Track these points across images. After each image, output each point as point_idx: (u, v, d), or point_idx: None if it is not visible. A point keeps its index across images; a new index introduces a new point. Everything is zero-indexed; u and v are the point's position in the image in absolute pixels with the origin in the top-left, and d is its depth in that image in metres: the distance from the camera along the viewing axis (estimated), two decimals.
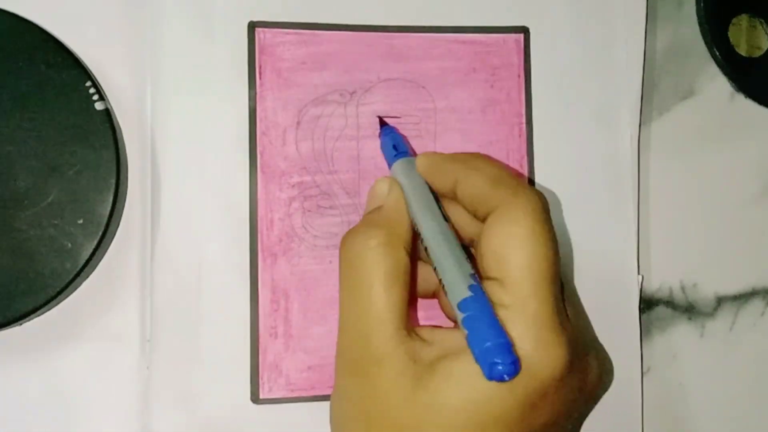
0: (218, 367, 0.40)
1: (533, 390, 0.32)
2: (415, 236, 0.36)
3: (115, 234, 0.40)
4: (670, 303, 0.45)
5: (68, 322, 0.39)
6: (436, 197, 0.37)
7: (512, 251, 0.33)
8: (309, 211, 0.41)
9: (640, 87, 0.44)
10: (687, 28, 0.46)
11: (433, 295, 0.40)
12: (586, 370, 0.36)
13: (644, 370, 0.44)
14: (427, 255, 0.35)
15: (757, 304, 0.45)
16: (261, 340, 0.40)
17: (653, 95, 0.45)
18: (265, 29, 0.41)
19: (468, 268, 0.34)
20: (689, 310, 0.45)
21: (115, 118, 0.39)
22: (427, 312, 0.41)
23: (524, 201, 0.34)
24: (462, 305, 0.32)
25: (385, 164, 0.41)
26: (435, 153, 0.38)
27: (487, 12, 0.43)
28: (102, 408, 0.39)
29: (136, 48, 0.40)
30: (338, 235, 0.41)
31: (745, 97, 0.46)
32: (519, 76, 0.43)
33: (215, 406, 0.40)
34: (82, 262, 0.38)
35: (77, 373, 0.39)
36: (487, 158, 0.37)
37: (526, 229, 0.33)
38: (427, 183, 0.37)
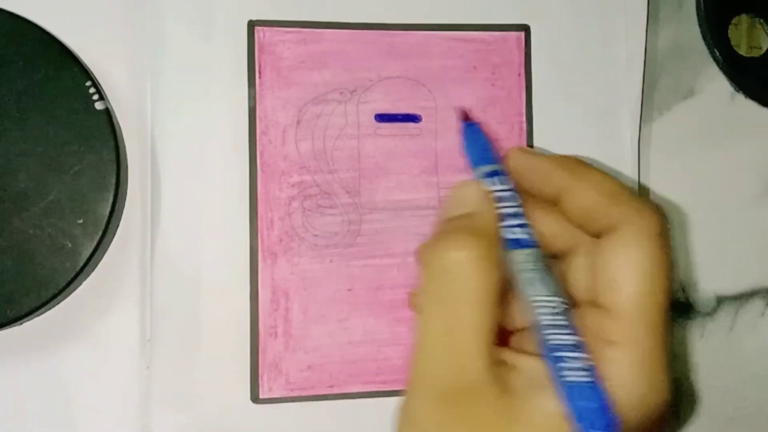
0: (218, 367, 0.40)
1: (636, 425, 0.30)
2: None
3: (115, 234, 0.40)
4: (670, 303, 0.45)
5: (68, 322, 0.39)
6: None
7: (630, 279, 0.30)
8: (309, 210, 0.41)
9: (641, 86, 0.44)
10: (687, 28, 0.46)
11: None
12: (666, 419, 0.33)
13: None
14: (522, 273, 0.32)
15: (757, 304, 0.45)
16: (261, 339, 0.40)
17: (653, 95, 0.45)
18: (265, 28, 0.41)
19: (561, 304, 0.31)
20: (689, 310, 0.45)
21: (115, 118, 0.39)
22: None
23: (648, 223, 0.31)
24: (556, 351, 0.30)
25: (385, 163, 0.42)
26: (531, 151, 0.36)
27: (487, 10, 0.43)
28: (102, 408, 0.39)
29: (136, 48, 0.40)
30: (339, 234, 0.41)
31: (745, 97, 0.46)
32: (519, 74, 0.43)
33: (215, 406, 0.40)
34: (82, 262, 0.38)
35: (77, 373, 0.39)
36: (593, 167, 0.34)
37: (648, 255, 0.30)
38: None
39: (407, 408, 0.32)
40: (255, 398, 0.40)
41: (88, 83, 0.38)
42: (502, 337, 0.33)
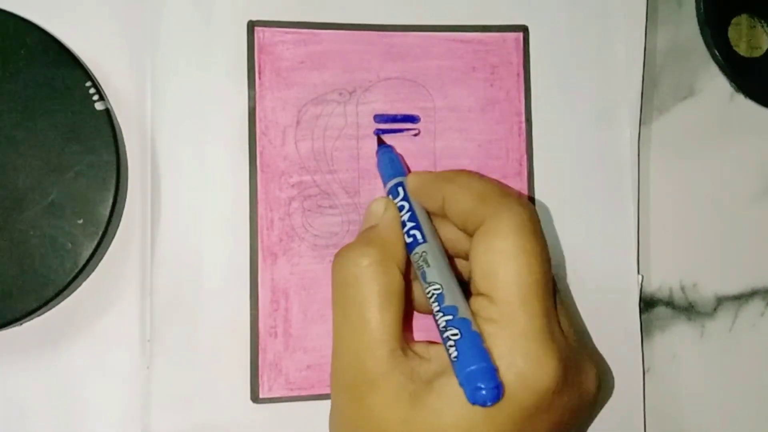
0: (218, 367, 0.40)
1: (528, 404, 0.32)
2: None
3: (115, 234, 0.40)
4: (670, 303, 0.45)
5: (68, 322, 0.39)
6: (429, 216, 0.37)
7: (499, 267, 0.33)
8: (309, 210, 0.41)
9: (640, 87, 0.44)
10: (687, 28, 0.46)
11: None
12: (582, 380, 0.35)
13: (644, 370, 0.44)
14: (417, 270, 0.35)
15: (757, 304, 0.45)
16: (261, 339, 0.40)
17: (653, 95, 0.45)
18: (265, 29, 0.41)
19: (454, 287, 0.34)
20: (689, 310, 0.45)
21: (115, 118, 0.39)
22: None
23: (509, 215, 0.33)
24: (447, 327, 0.32)
25: None
26: (424, 172, 0.39)
27: (486, 11, 0.43)
28: (102, 408, 0.39)
29: (136, 48, 0.40)
30: (338, 234, 0.41)
31: (745, 97, 0.46)
32: (518, 74, 0.43)
33: (215, 406, 0.40)
34: (82, 262, 0.38)
35: (77, 373, 0.39)
36: (473, 174, 0.37)
37: (512, 243, 0.33)
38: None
39: (331, 401, 0.36)
40: (255, 398, 0.40)
41: (88, 83, 0.38)
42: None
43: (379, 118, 0.42)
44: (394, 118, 0.42)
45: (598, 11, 0.44)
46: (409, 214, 0.37)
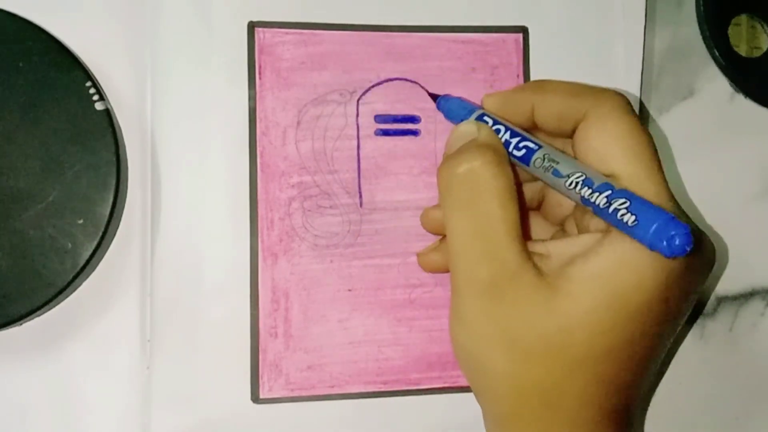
0: (218, 367, 0.40)
1: (674, 265, 0.32)
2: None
3: (115, 234, 0.40)
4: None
5: (68, 322, 0.39)
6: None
7: (616, 146, 0.34)
8: (309, 210, 0.41)
9: (640, 87, 0.44)
10: (687, 28, 0.46)
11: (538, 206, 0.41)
12: (703, 246, 0.36)
13: None
14: (545, 172, 0.35)
15: (757, 304, 0.45)
16: (261, 339, 0.40)
17: (653, 95, 0.45)
18: (265, 29, 0.41)
19: (593, 171, 0.34)
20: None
21: (115, 118, 0.39)
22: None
23: (611, 101, 0.35)
24: (611, 200, 0.32)
25: (384, 163, 0.42)
26: (498, 92, 0.39)
27: (486, 12, 0.43)
28: (102, 408, 0.39)
29: (136, 48, 0.40)
30: (339, 235, 0.41)
31: (745, 97, 0.46)
32: (518, 75, 0.43)
33: (215, 406, 0.40)
34: (82, 262, 0.38)
35: (77, 373, 0.39)
36: (554, 80, 0.38)
37: (623, 123, 0.34)
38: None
39: (458, 311, 0.35)
40: (255, 398, 0.40)
41: (88, 83, 0.38)
42: None
43: (380, 118, 0.42)
44: (395, 119, 0.42)
45: (598, 11, 0.44)
46: (508, 132, 0.36)
